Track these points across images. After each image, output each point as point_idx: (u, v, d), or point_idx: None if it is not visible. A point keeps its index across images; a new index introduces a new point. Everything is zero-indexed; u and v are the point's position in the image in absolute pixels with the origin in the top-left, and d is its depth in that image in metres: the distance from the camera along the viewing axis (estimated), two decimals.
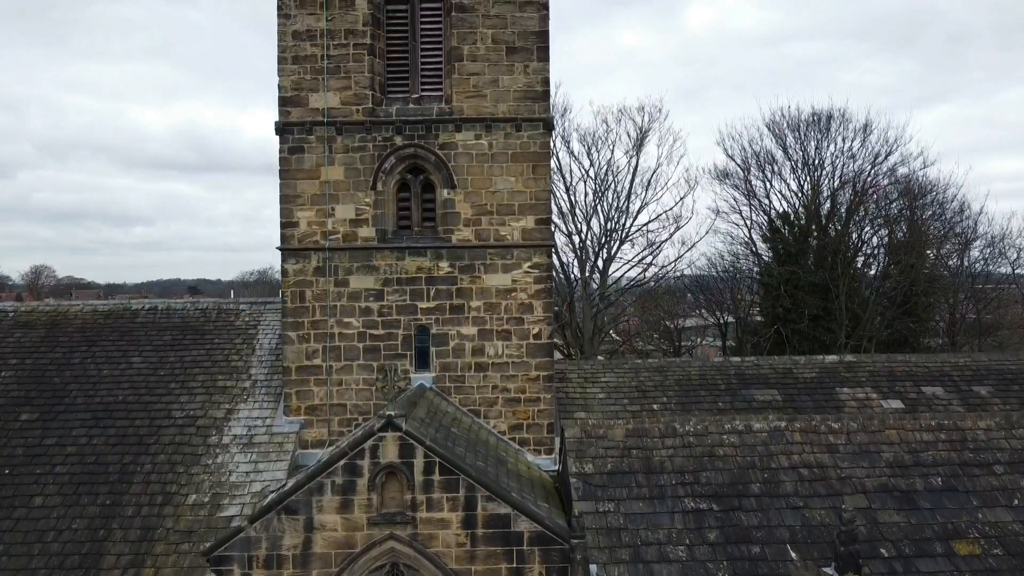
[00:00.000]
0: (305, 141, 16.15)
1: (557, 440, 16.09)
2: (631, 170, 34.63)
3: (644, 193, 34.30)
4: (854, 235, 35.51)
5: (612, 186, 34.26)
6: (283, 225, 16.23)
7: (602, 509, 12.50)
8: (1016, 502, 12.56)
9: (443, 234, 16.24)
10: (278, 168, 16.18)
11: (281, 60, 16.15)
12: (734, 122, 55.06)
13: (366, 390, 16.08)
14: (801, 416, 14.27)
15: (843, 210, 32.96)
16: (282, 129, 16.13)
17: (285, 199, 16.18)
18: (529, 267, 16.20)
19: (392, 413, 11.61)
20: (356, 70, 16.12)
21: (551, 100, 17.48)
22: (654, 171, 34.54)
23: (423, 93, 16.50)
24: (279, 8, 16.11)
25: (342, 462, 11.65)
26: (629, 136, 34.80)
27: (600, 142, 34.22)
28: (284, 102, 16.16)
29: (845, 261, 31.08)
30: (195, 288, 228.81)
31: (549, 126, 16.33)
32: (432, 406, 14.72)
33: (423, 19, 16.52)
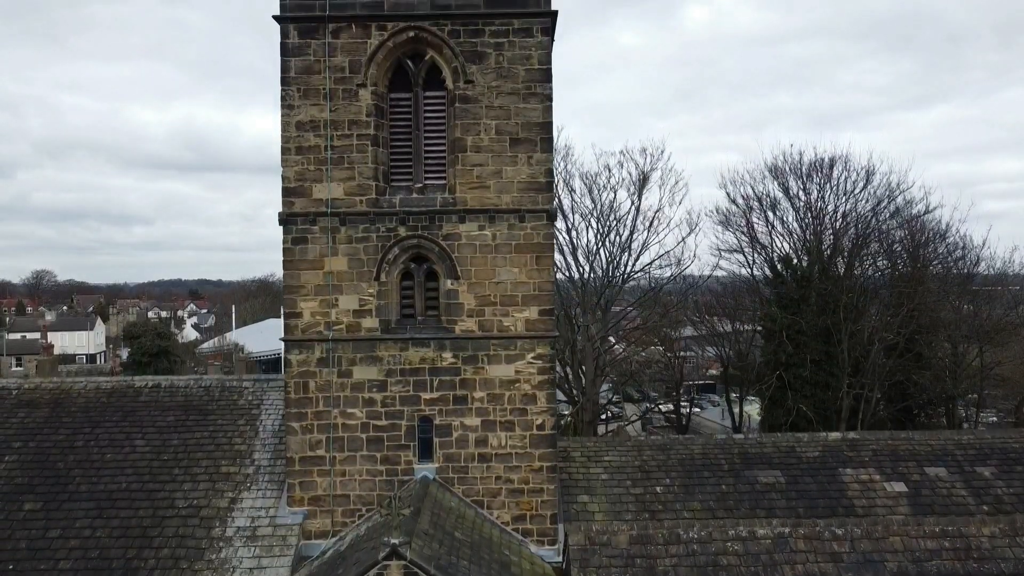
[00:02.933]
0: (309, 232, 16.15)
1: (561, 528, 16.13)
2: (633, 210, 34.65)
3: (646, 234, 34.32)
4: (857, 270, 35.44)
5: (615, 226, 34.28)
6: (287, 316, 16.25)
7: None
8: None
9: (446, 324, 16.24)
10: (282, 258, 16.21)
11: (284, 151, 16.15)
12: (736, 165, 55.08)
13: (369, 481, 16.11)
14: (805, 521, 14.27)
15: (846, 251, 32.98)
16: (285, 220, 16.13)
17: (288, 290, 16.19)
18: (532, 358, 16.20)
19: (396, 541, 11.63)
20: (360, 160, 16.13)
21: (554, 187, 17.47)
22: (656, 211, 34.57)
23: (427, 182, 16.51)
24: (282, 99, 16.11)
25: None
26: (631, 175, 34.82)
27: (603, 185, 34.24)
28: (288, 192, 16.16)
29: (847, 307, 31.08)
30: (196, 292, 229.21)
31: (552, 217, 16.35)
32: (436, 506, 14.72)
33: (426, 108, 16.53)
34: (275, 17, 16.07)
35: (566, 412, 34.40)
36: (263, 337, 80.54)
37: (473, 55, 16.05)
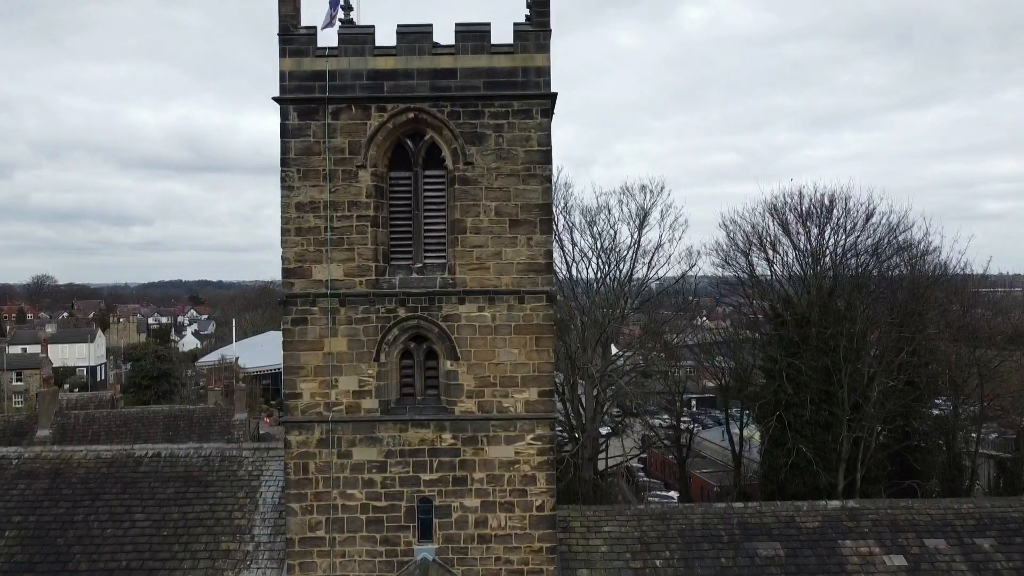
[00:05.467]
0: (308, 312, 16.15)
1: None
2: (634, 246, 34.65)
3: (646, 270, 34.32)
4: (857, 310, 35.32)
5: (616, 264, 34.28)
6: (287, 396, 16.26)
7: None
8: None
9: (446, 405, 16.26)
10: (282, 339, 16.24)
11: (284, 232, 16.17)
12: (736, 204, 54.51)
13: (369, 562, 16.11)
14: None
15: (846, 292, 32.96)
16: (285, 301, 16.15)
17: (288, 371, 16.20)
18: (532, 439, 16.20)
19: None
20: (359, 241, 16.13)
21: (553, 269, 17.46)
22: (656, 247, 34.57)
23: (426, 261, 16.51)
24: (282, 180, 16.12)
25: None
26: (630, 212, 34.83)
27: (603, 222, 34.26)
28: (288, 273, 16.17)
29: (847, 349, 31.06)
30: (197, 297, 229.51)
31: (552, 298, 16.36)
32: None
33: (426, 187, 16.54)
34: (275, 98, 16.08)
35: (566, 449, 34.40)
36: (263, 351, 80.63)
37: (473, 136, 16.06)
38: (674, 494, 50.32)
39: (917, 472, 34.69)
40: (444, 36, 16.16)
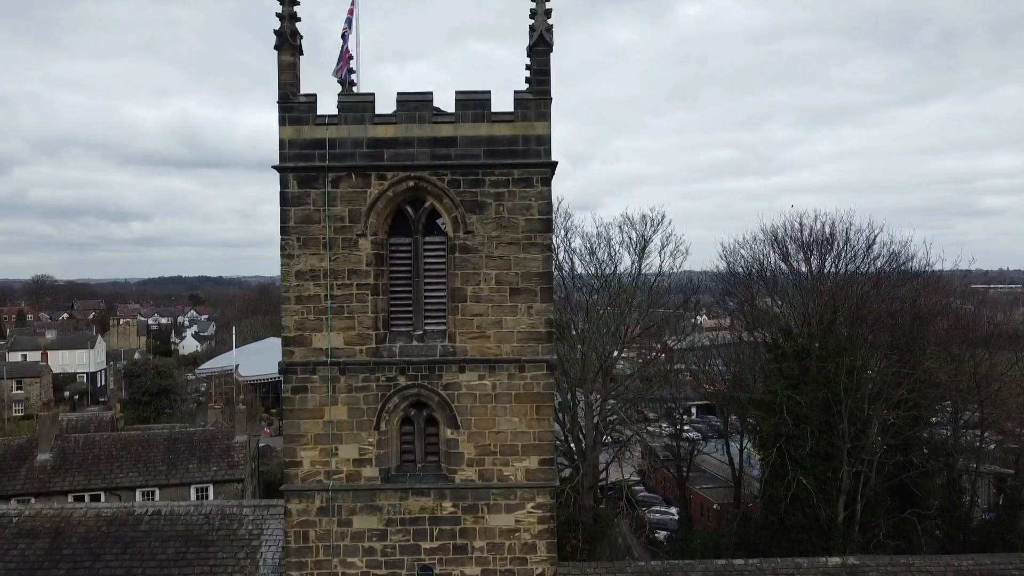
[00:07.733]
0: (308, 381, 16.13)
1: None
2: (634, 275, 34.58)
3: (648, 300, 34.23)
4: (857, 342, 35.20)
5: (616, 292, 34.21)
6: (287, 464, 16.24)
7: None
8: None
9: (446, 473, 16.24)
10: (283, 407, 16.21)
11: (284, 300, 16.15)
12: (737, 235, 54.59)
13: None
14: None
15: (846, 325, 32.87)
16: (285, 369, 16.12)
17: (289, 439, 16.19)
18: (532, 507, 16.20)
19: None
20: (359, 310, 16.10)
21: (554, 337, 17.37)
22: (656, 276, 34.51)
23: (426, 328, 16.47)
24: (282, 249, 16.08)
25: None
26: (630, 239, 34.79)
27: (603, 252, 34.23)
28: (287, 342, 16.15)
29: (847, 382, 31.01)
30: (197, 297, 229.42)
31: (552, 367, 16.33)
32: None
33: (427, 254, 16.49)
34: (275, 167, 16.03)
35: (565, 475, 34.37)
36: (263, 358, 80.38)
37: (473, 205, 16.01)
38: (674, 510, 50.34)
39: (917, 499, 34.63)
40: (444, 102, 16.13)
